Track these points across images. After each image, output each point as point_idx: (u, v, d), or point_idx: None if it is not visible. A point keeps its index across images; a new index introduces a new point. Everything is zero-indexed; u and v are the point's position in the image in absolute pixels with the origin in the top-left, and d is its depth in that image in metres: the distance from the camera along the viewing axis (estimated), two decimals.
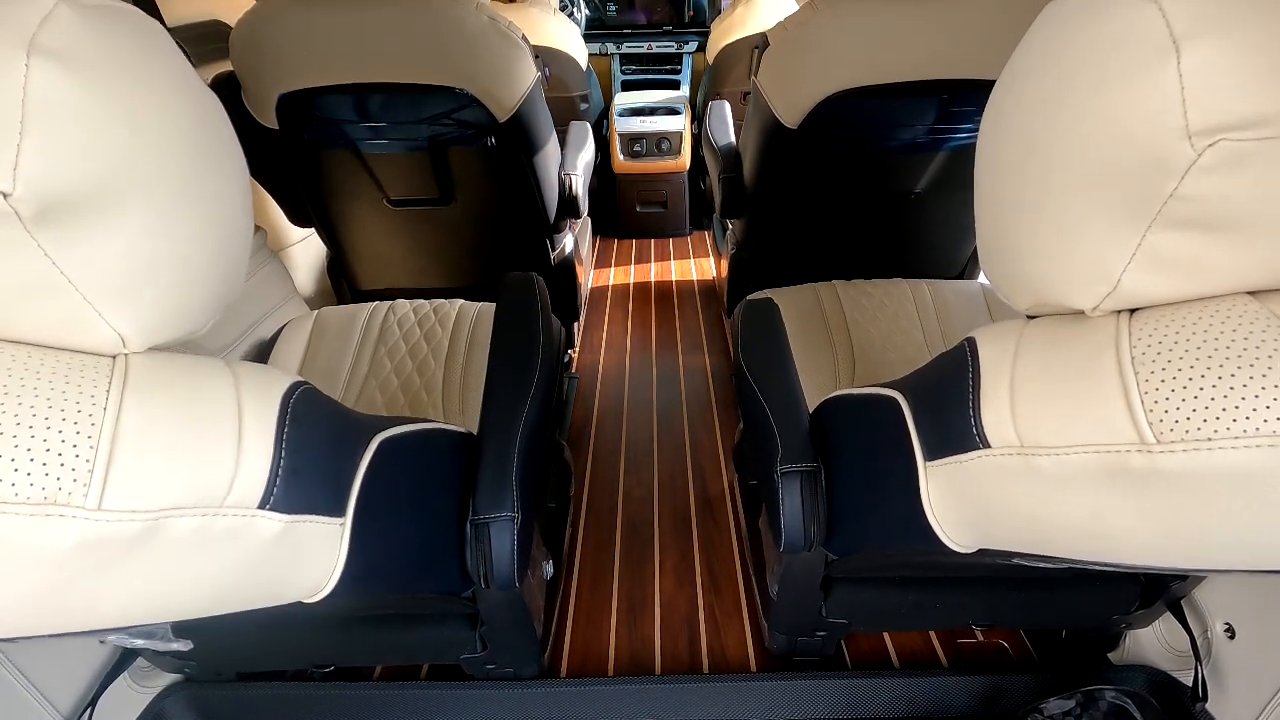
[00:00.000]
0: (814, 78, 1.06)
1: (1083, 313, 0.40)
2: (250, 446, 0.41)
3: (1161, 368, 0.34)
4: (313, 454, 0.46)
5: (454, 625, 0.89)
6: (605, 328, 2.03)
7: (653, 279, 2.34)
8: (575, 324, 1.84)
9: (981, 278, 1.43)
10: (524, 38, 1.17)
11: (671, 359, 1.87)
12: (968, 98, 1.05)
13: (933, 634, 1.11)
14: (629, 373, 1.82)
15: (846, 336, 1.11)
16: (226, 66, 1.15)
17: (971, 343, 0.48)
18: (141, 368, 0.38)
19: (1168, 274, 0.35)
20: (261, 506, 0.41)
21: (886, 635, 1.12)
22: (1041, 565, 0.51)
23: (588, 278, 2.23)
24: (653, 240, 2.65)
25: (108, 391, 0.35)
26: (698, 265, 2.44)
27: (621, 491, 1.44)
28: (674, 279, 2.34)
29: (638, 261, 2.48)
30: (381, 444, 0.57)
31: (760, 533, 1.11)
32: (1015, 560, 0.51)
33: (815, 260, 1.40)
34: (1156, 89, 0.31)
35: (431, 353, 1.12)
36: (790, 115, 1.11)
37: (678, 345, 1.93)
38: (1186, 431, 0.33)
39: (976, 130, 1.10)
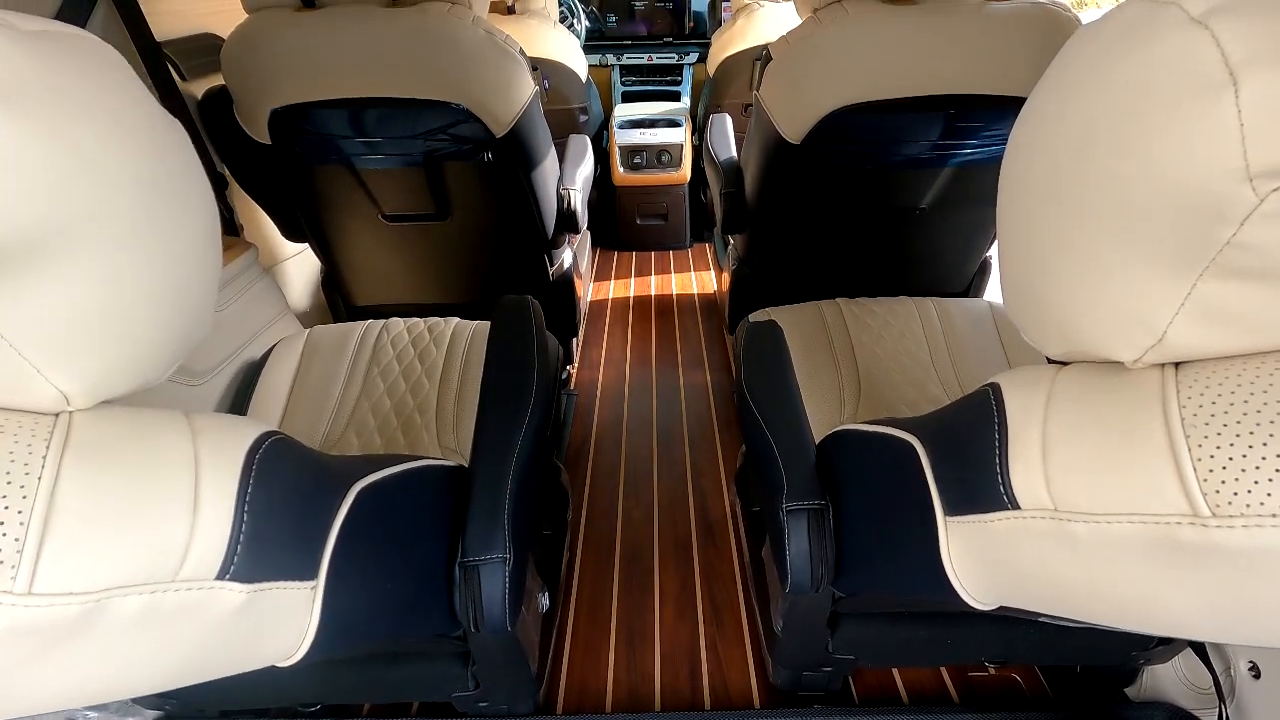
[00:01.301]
0: (817, 92, 1.03)
1: (1120, 363, 0.37)
2: (207, 512, 0.37)
3: (1216, 432, 0.31)
4: (280, 514, 0.42)
5: (445, 663, 0.85)
6: (604, 343, 2.00)
7: (653, 292, 2.31)
8: (574, 339, 1.81)
9: (987, 295, 1.40)
10: (521, 51, 1.15)
11: (672, 375, 1.84)
12: (974, 113, 1.02)
13: (943, 668, 1.08)
14: (628, 389, 1.78)
15: (851, 357, 1.08)
16: (219, 80, 1.13)
17: (996, 390, 0.44)
18: (86, 427, 0.34)
19: (1220, 327, 0.32)
20: (220, 577, 0.38)
21: (895, 670, 1.08)
22: (1066, 623, 0.47)
23: (587, 291, 2.20)
24: (653, 253, 2.63)
25: (44, 457, 0.32)
26: (698, 278, 2.41)
27: (621, 515, 1.40)
28: (674, 292, 2.31)
29: (638, 274, 2.45)
30: (360, 493, 0.53)
31: (763, 562, 1.07)
32: (1041, 619, 0.48)
33: (818, 276, 1.38)
34: (1212, 126, 0.28)
35: (425, 373, 1.09)
36: (793, 130, 1.08)
37: (678, 361, 1.90)
38: (1247, 505, 0.30)
39: (983, 146, 1.08)
